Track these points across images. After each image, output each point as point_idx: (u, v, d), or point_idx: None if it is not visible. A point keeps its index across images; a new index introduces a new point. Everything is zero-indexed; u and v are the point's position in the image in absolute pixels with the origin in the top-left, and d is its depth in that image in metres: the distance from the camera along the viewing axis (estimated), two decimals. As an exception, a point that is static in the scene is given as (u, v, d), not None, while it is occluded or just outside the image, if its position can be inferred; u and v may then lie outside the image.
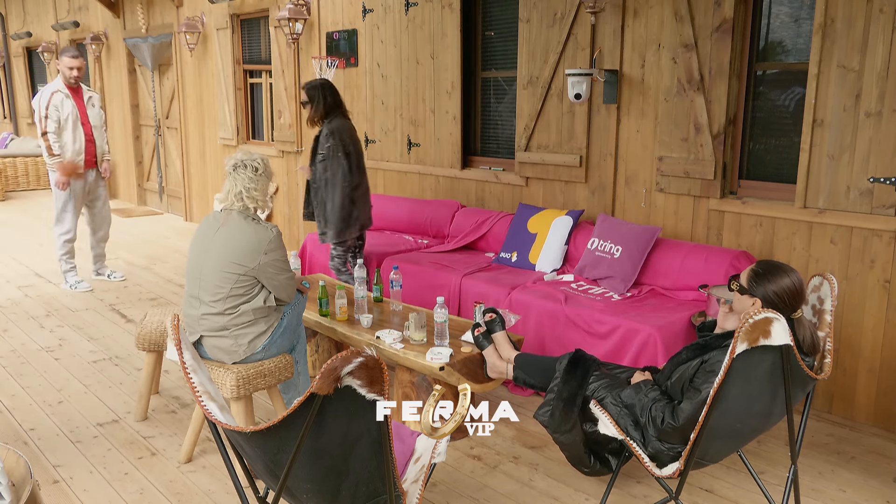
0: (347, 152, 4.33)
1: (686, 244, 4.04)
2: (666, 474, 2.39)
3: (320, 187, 4.41)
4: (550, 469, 3.15)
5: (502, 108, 5.32)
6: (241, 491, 2.10)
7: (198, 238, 3.10)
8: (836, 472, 3.15)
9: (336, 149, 4.30)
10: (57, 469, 3.13)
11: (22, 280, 6.24)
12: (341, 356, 1.68)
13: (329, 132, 4.32)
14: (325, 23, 6.36)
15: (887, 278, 3.47)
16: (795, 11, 3.82)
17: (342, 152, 4.32)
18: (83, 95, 5.79)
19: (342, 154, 4.32)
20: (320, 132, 4.40)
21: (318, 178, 4.42)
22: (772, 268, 2.40)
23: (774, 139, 3.98)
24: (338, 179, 4.32)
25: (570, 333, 3.74)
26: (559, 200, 4.80)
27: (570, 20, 4.49)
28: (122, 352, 4.52)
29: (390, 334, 3.43)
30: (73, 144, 5.70)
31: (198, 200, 8.83)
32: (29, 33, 12.13)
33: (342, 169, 4.31)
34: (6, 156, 11.63)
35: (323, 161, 4.35)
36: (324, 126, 4.38)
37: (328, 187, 4.36)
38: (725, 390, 2.15)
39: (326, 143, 4.32)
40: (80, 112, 5.72)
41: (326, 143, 4.32)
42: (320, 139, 4.38)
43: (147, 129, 9.89)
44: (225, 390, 2.99)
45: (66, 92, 5.65)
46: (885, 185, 3.38)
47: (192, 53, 8.22)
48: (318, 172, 4.41)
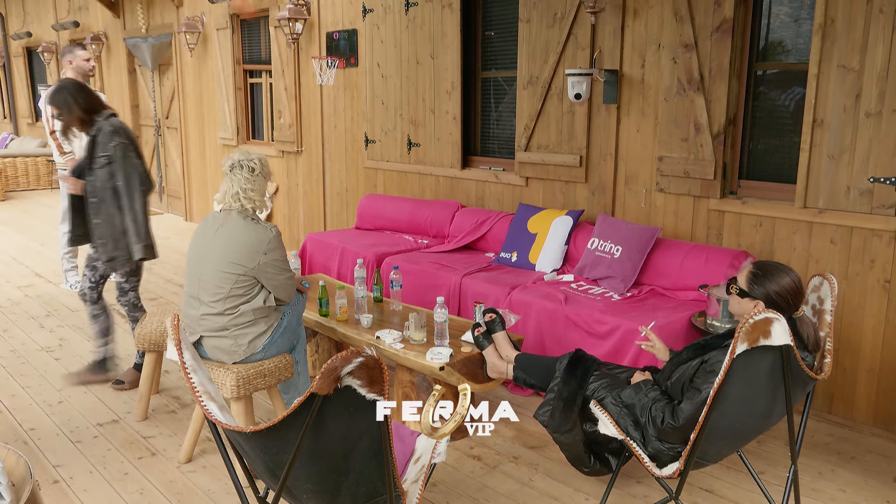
0: (139, 152, 3.69)
1: (686, 244, 4.04)
2: (666, 474, 2.39)
3: (104, 199, 3.62)
4: (550, 469, 3.15)
5: (502, 108, 5.32)
6: (241, 491, 2.10)
7: (197, 238, 3.09)
8: (836, 472, 3.15)
9: (126, 148, 3.61)
10: (57, 469, 3.13)
11: (22, 280, 6.24)
12: (341, 356, 1.68)
13: (113, 130, 3.61)
14: (325, 23, 6.36)
15: (887, 278, 3.46)
16: (795, 11, 3.81)
17: (134, 152, 3.65)
18: None
19: (134, 154, 3.64)
20: (95, 134, 3.64)
21: (99, 189, 3.62)
22: (770, 268, 2.40)
23: (774, 139, 3.98)
24: (135, 184, 3.61)
25: (570, 333, 3.73)
26: (559, 200, 4.80)
27: (570, 20, 4.49)
28: (122, 352, 4.52)
29: (390, 334, 3.43)
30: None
31: (198, 200, 8.83)
32: (29, 33, 12.13)
33: (138, 171, 3.62)
34: (6, 156, 11.63)
35: (108, 165, 3.59)
36: (98, 125, 3.64)
37: (119, 197, 3.61)
38: (725, 390, 2.15)
39: (111, 142, 3.58)
40: None
41: (111, 143, 3.58)
42: (98, 140, 3.62)
43: (147, 129, 9.89)
44: (225, 390, 2.99)
45: None
46: (885, 185, 3.38)
47: (192, 53, 8.22)
48: (99, 181, 3.61)
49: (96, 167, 3.61)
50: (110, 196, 3.60)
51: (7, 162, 11.55)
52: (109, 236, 3.64)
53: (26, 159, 11.73)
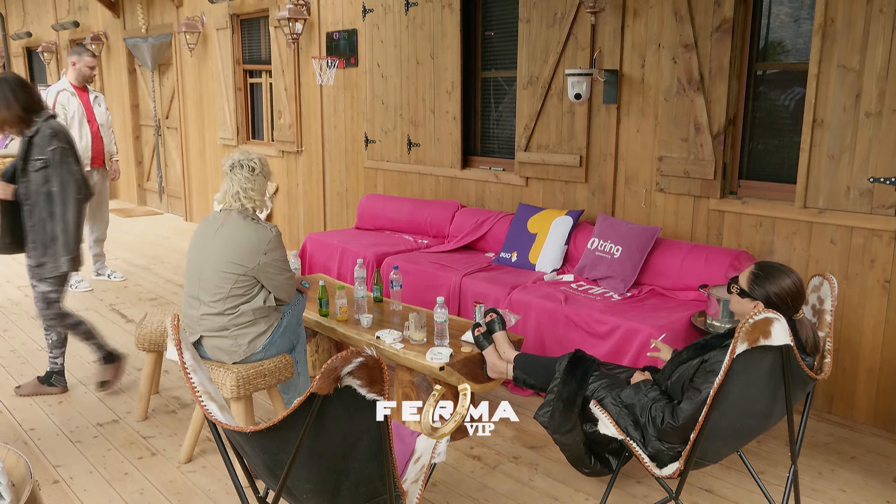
0: (77, 158, 3.58)
1: (686, 244, 4.04)
2: (666, 474, 2.39)
3: (37, 203, 3.48)
4: (550, 469, 3.15)
5: (502, 108, 5.32)
6: (241, 491, 2.10)
7: (197, 238, 3.09)
8: (836, 472, 3.15)
9: (65, 153, 3.48)
10: (57, 469, 3.13)
11: (22, 280, 6.23)
12: (341, 356, 1.68)
13: (52, 132, 3.47)
14: (325, 23, 6.36)
15: (887, 278, 3.46)
16: (795, 11, 3.81)
17: (73, 157, 3.53)
18: (89, 94, 5.88)
19: (73, 159, 3.53)
20: (33, 135, 3.49)
21: (32, 192, 3.48)
22: (771, 269, 2.40)
23: (774, 139, 3.98)
24: (70, 191, 3.48)
25: (570, 333, 3.73)
26: (559, 200, 4.80)
27: (570, 20, 4.49)
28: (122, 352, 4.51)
29: (390, 334, 3.43)
30: (80, 141, 5.74)
31: (198, 200, 8.83)
32: (29, 33, 12.13)
33: (75, 178, 3.50)
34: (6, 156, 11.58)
35: (44, 169, 3.45)
36: (36, 126, 3.50)
37: (52, 202, 3.48)
38: (725, 390, 2.15)
39: (49, 145, 3.45)
40: (86, 110, 5.82)
41: (49, 147, 3.44)
42: (35, 142, 3.47)
43: (147, 129, 9.89)
44: (225, 390, 2.99)
45: (71, 90, 5.76)
46: (885, 185, 3.38)
47: (192, 53, 8.22)
48: (33, 184, 3.48)
49: (31, 170, 3.47)
50: (43, 200, 3.48)
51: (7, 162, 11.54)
52: (40, 242, 3.52)
53: (26, 159, 11.73)
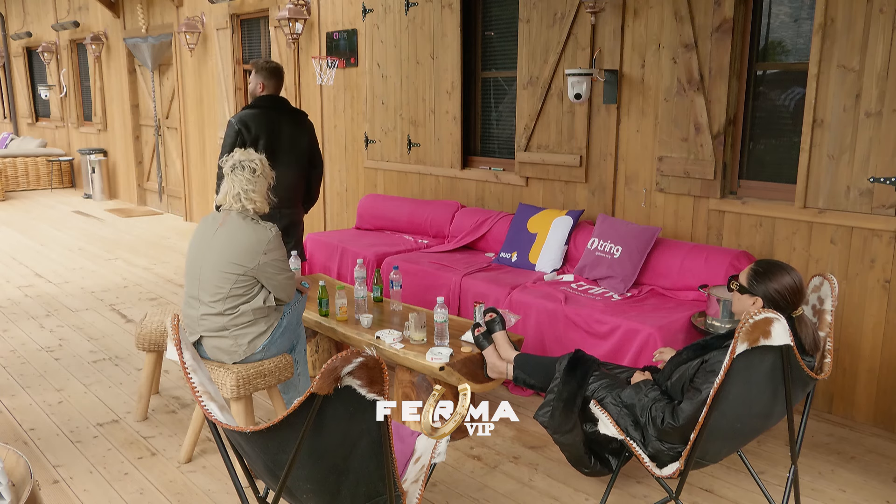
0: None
1: (686, 244, 4.04)
2: (666, 474, 2.39)
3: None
4: (550, 469, 3.15)
5: (502, 108, 5.32)
6: (241, 491, 2.10)
7: (197, 238, 3.09)
8: (836, 472, 3.15)
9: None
10: (57, 469, 3.13)
11: (22, 280, 6.24)
12: (341, 356, 1.68)
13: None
14: (325, 23, 6.36)
15: (887, 278, 3.47)
16: (795, 11, 3.81)
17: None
18: None
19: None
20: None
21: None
22: (772, 266, 2.41)
23: (774, 139, 3.98)
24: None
25: (570, 333, 3.73)
26: (559, 200, 4.80)
27: (570, 20, 4.49)
28: (122, 352, 4.52)
29: (390, 334, 3.43)
30: None
31: (198, 200, 8.83)
32: (29, 33, 12.13)
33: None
34: (6, 156, 11.63)
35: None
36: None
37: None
38: (725, 390, 2.15)
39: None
40: None
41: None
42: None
43: (147, 129, 9.89)
44: (225, 390, 2.99)
45: None
46: (885, 185, 3.38)
47: (192, 53, 8.22)
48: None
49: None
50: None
51: (7, 162, 11.55)
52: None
53: (26, 159, 11.74)
